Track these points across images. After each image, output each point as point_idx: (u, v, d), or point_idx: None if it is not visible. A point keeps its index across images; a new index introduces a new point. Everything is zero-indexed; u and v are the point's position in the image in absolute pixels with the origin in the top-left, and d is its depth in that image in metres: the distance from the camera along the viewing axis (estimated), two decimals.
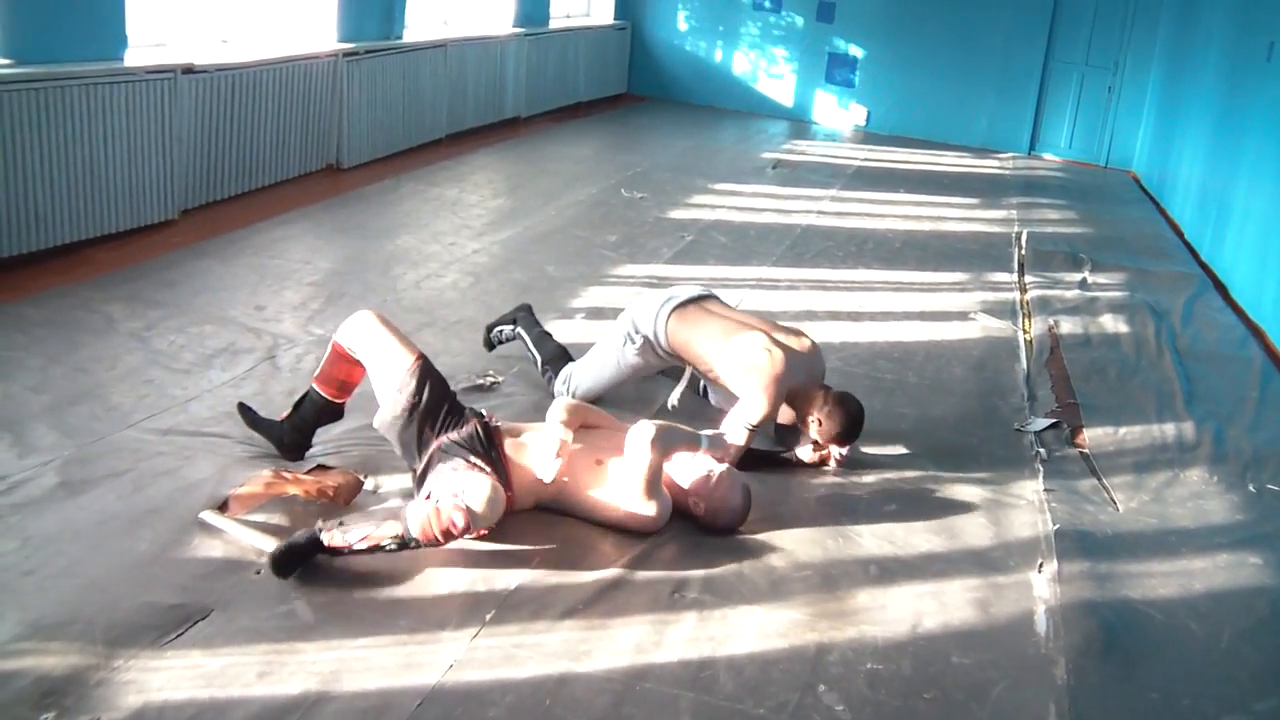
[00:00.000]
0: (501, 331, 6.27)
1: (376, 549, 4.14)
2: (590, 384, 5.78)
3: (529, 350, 6.08)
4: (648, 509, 4.59)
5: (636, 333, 5.65)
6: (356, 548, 4.14)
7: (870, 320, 7.83)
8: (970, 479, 5.54)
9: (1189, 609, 4.59)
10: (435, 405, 4.60)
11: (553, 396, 5.79)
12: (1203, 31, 12.70)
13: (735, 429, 5.18)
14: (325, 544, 4.13)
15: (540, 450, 4.62)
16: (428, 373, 4.64)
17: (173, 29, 8.69)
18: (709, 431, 4.85)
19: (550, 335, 6.14)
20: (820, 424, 5.28)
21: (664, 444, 4.57)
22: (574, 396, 5.75)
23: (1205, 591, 4.74)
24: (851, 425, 5.29)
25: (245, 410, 5.06)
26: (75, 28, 7.27)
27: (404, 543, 4.15)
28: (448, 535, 4.15)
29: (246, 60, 8.87)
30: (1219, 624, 4.50)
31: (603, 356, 5.79)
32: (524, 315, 6.26)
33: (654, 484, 4.58)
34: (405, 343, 4.73)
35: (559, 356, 5.99)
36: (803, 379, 5.34)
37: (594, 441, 4.76)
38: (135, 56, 7.83)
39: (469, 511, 4.16)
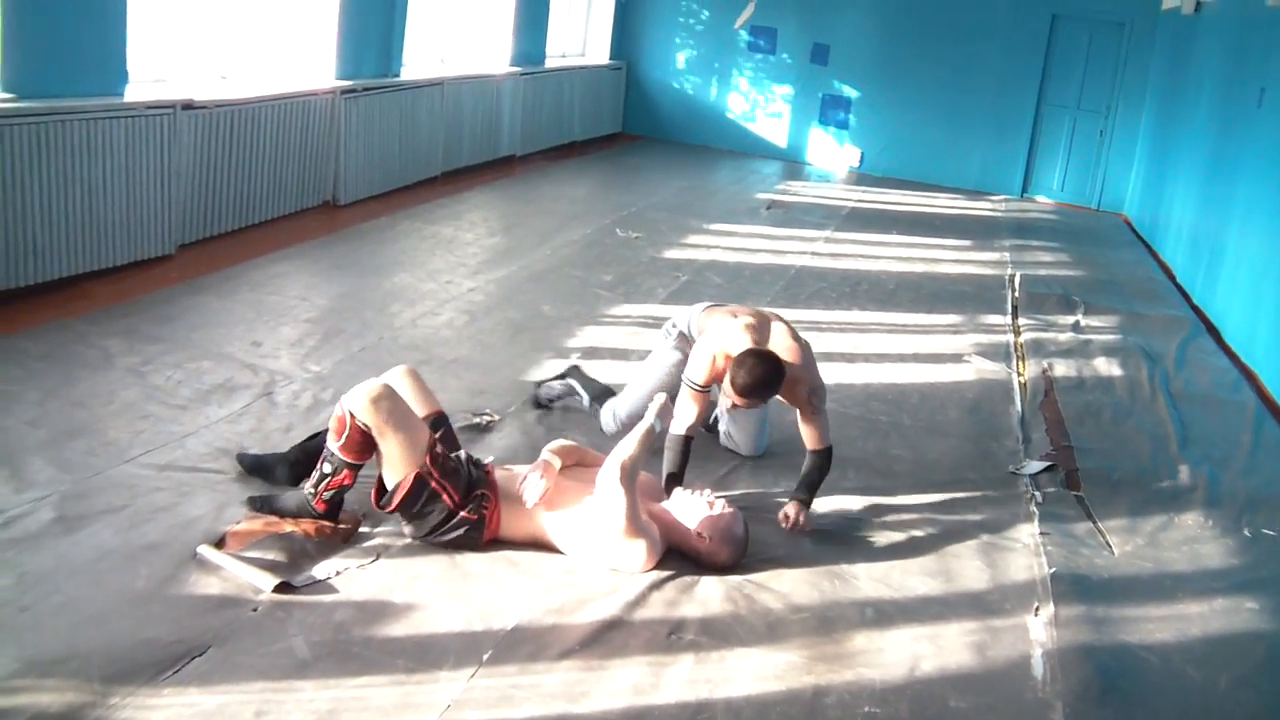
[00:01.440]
0: (552, 388, 6.27)
1: (328, 481, 4.61)
2: (635, 394, 5.81)
3: (578, 391, 6.16)
4: (635, 545, 4.60)
5: (674, 327, 5.80)
6: (325, 495, 4.62)
7: (864, 362, 7.84)
8: (966, 522, 5.54)
9: (1186, 654, 4.59)
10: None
11: (600, 431, 5.89)
12: (1194, 77, 12.78)
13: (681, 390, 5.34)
14: (313, 504, 4.63)
15: (526, 474, 4.71)
16: (437, 425, 4.87)
17: (173, 65, 8.72)
18: (651, 413, 4.86)
19: (598, 380, 6.24)
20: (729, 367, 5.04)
21: (632, 475, 4.59)
22: (619, 418, 5.84)
23: (1202, 636, 4.74)
24: (749, 361, 4.95)
25: (244, 458, 5.16)
26: (76, 63, 7.30)
27: (332, 455, 4.59)
28: (341, 424, 4.54)
29: (245, 96, 8.90)
30: (1216, 669, 4.50)
31: (645, 366, 5.91)
32: (575, 371, 6.32)
33: (635, 520, 4.58)
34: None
35: (605, 392, 6.09)
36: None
37: (587, 478, 4.77)
38: (135, 92, 7.87)
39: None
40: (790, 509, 5.17)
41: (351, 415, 4.52)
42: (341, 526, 4.66)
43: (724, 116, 17.41)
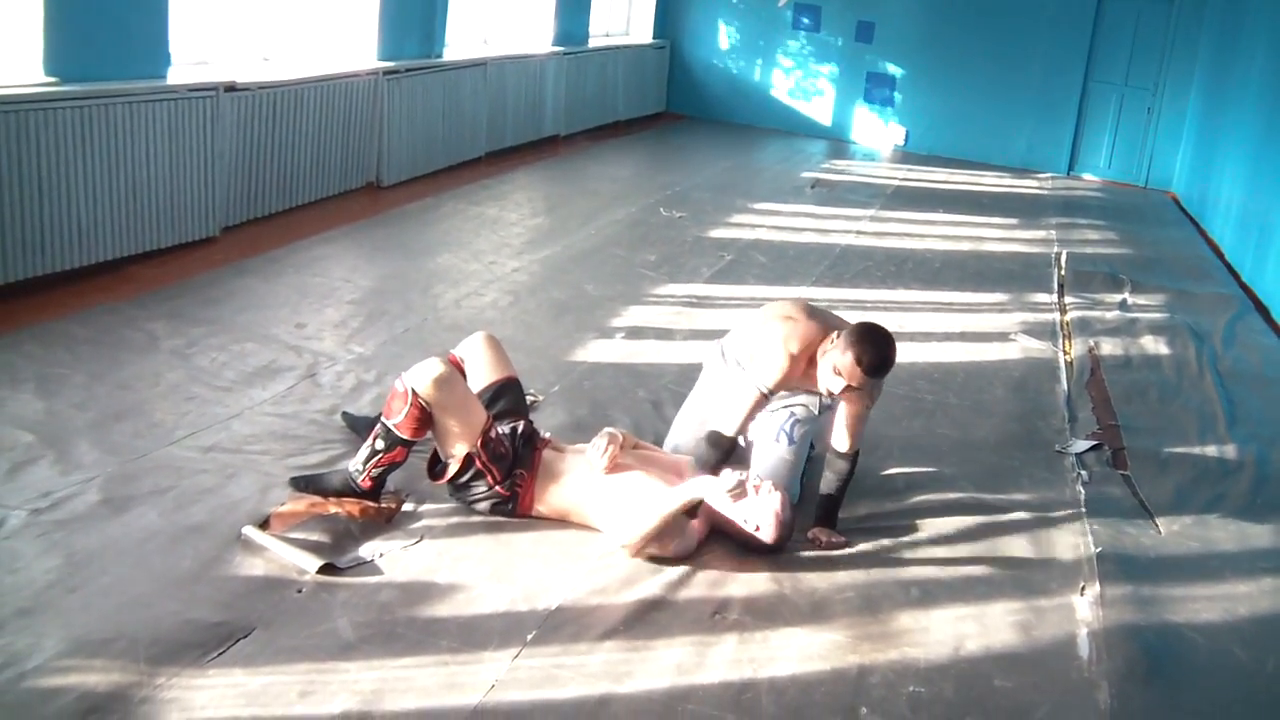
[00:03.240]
0: None
1: (379, 458, 4.64)
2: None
3: None
4: (663, 548, 4.62)
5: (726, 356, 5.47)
6: (373, 473, 4.65)
7: (910, 341, 7.78)
8: (1011, 501, 5.51)
9: (1233, 634, 4.55)
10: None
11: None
12: (1244, 52, 12.63)
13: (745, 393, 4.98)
14: (359, 482, 4.67)
15: (592, 446, 4.74)
16: (505, 390, 5.08)
17: (215, 47, 8.75)
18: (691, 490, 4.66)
19: None
20: (837, 346, 4.74)
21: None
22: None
23: (1250, 616, 4.69)
24: (870, 333, 4.72)
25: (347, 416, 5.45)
26: (119, 46, 7.33)
27: (388, 431, 4.60)
28: (402, 400, 4.57)
29: (288, 78, 8.93)
30: (1264, 649, 4.46)
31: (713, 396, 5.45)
32: None
33: (662, 535, 4.58)
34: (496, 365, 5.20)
35: None
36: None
37: (639, 461, 4.78)
38: (178, 74, 7.89)
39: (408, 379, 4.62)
40: (821, 535, 4.91)
41: (414, 393, 4.54)
42: (385, 507, 4.68)
43: (768, 95, 17.33)
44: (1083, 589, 4.74)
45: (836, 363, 4.71)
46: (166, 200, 7.64)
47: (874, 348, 4.66)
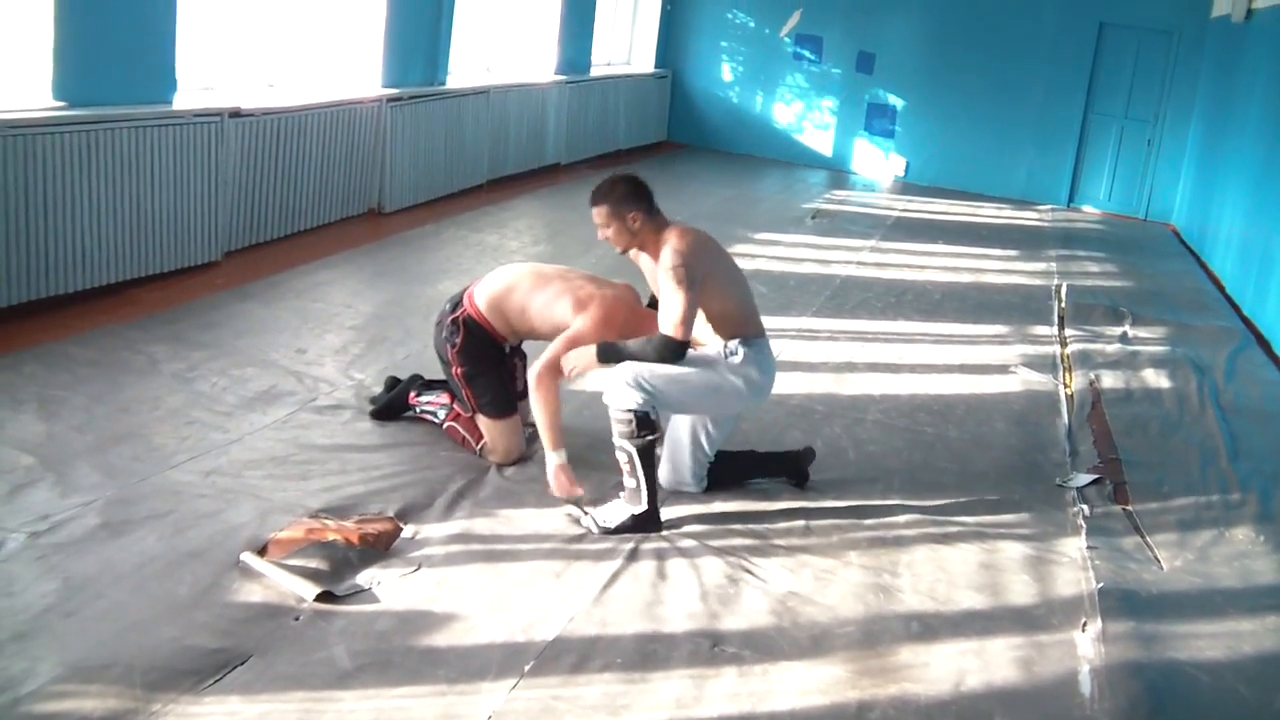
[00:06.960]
0: None
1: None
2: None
3: None
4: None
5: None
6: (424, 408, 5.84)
7: (910, 372, 7.79)
8: (1012, 535, 5.48)
9: (1237, 672, 4.51)
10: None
11: None
12: (1244, 85, 12.65)
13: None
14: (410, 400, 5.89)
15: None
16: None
17: (221, 73, 8.77)
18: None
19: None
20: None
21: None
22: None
23: (1254, 655, 4.65)
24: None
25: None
26: (125, 71, 7.36)
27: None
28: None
29: (292, 104, 8.95)
30: (1269, 689, 4.42)
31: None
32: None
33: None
34: None
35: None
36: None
37: None
38: (183, 100, 7.92)
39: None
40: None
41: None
42: (383, 534, 4.67)
43: (769, 125, 17.38)
44: (1084, 625, 4.71)
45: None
46: (170, 224, 7.65)
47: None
